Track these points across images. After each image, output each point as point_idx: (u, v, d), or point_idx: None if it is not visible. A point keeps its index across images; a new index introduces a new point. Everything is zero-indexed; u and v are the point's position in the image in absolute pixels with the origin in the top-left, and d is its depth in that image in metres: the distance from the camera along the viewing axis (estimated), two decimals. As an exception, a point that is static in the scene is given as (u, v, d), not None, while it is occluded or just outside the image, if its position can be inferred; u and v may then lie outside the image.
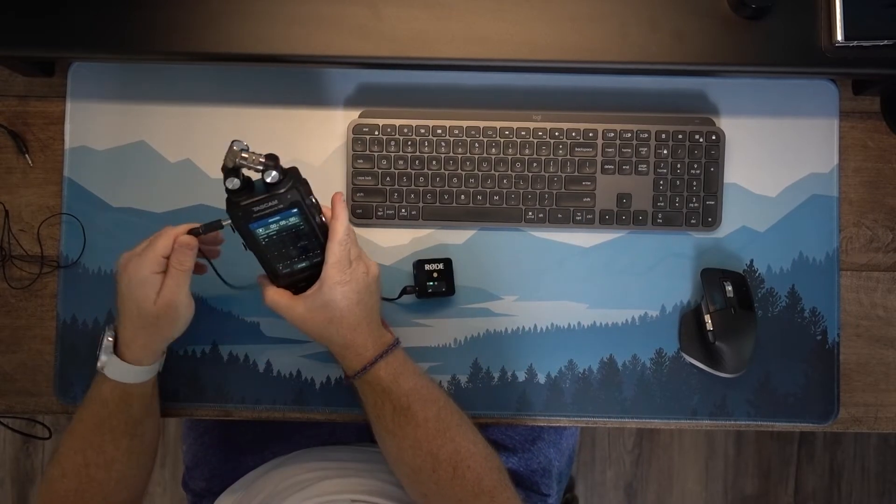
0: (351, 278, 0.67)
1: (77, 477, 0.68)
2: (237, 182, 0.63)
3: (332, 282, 0.66)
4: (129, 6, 0.72)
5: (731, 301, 0.76)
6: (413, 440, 0.67)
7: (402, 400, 0.67)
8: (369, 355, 0.68)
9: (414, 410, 0.67)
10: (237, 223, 0.65)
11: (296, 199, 0.64)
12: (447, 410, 0.69)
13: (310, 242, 0.68)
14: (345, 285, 0.67)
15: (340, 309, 0.67)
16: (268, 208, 0.64)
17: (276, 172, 0.62)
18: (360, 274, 0.68)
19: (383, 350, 0.69)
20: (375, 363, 0.68)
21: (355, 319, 0.68)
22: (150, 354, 0.70)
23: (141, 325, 0.68)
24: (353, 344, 0.68)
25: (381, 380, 0.68)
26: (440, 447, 0.67)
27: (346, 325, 0.68)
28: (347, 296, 0.67)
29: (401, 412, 0.67)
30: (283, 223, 0.66)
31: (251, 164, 0.62)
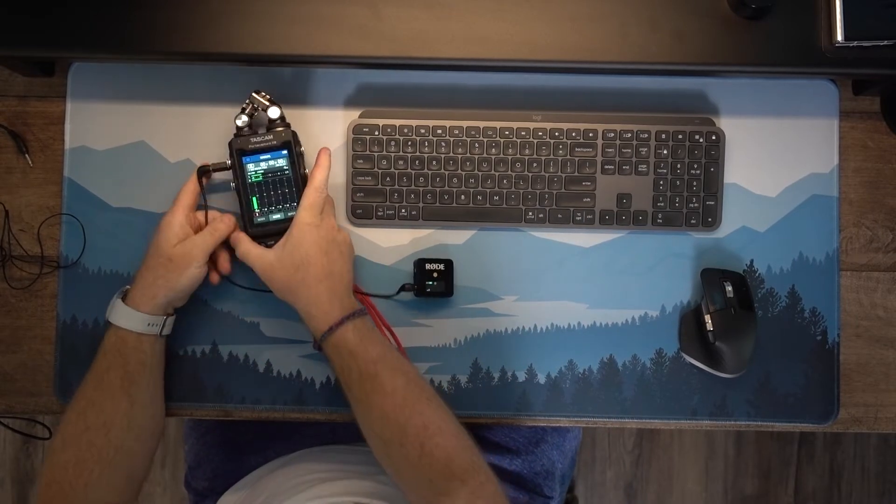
0: (321, 224, 0.71)
1: (77, 444, 0.68)
2: (245, 119, 0.75)
3: (302, 223, 0.71)
4: (129, 6, 0.72)
5: (731, 301, 0.76)
6: (380, 410, 0.67)
7: (369, 367, 0.68)
8: (336, 315, 0.69)
9: (382, 378, 0.67)
10: (234, 153, 0.75)
11: (288, 139, 0.75)
12: (415, 383, 0.69)
13: (289, 192, 0.75)
14: (314, 229, 0.70)
15: (308, 255, 0.70)
16: (263, 142, 0.75)
17: (278, 109, 0.75)
18: (329, 225, 0.72)
19: (351, 313, 0.70)
20: (342, 323, 0.69)
21: (322, 271, 0.70)
22: (150, 300, 0.71)
23: (153, 263, 0.71)
24: (318, 300, 0.70)
25: (348, 342, 0.69)
26: (408, 418, 0.66)
27: (312, 275, 0.70)
28: (317, 242, 0.70)
29: (368, 378, 0.67)
30: (271, 163, 0.75)
31: (261, 101, 0.76)
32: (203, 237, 0.72)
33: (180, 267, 0.71)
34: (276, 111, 0.76)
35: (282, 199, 0.76)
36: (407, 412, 0.66)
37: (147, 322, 0.71)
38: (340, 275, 0.71)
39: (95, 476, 0.68)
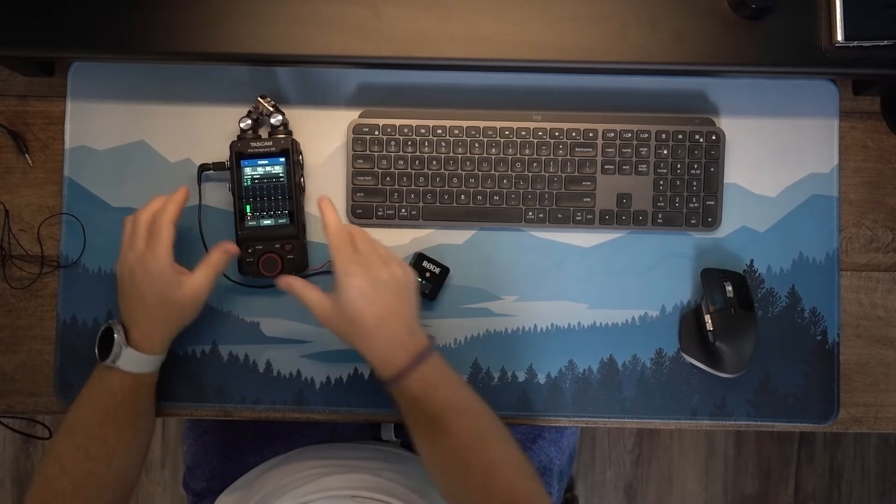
0: (362, 271, 0.66)
1: (76, 473, 0.68)
2: (249, 122, 0.77)
3: (340, 274, 0.66)
4: (129, 6, 0.72)
5: (731, 301, 0.76)
6: (445, 448, 0.66)
7: (436, 411, 0.66)
8: (399, 364, 0.66)
9: (448, 421, 0.65)
10: (232, 155, 0.76)
11: (287, 147, 0.76)
12: (482, 420, 0.67)
13: (282, 199, 0.76)
14: (353, 278, 0.66)
15: (357, 307, 0.66)
16: (262, 147, 0.76)
17: (282, 117, 0.77)
18: (370, 268, 0.67)
19: (414, 360, 0.66)
20: (406, 374, 0.66)
21: (374, 320, 0.66)
22: (167, 343, 0.72)
23: (163, 315, 0.70)
24: (377, 351, 0.67)
25: (413, 390, 0.66)
26: (472, 457, 0.65)
27: (365, 327, 0.66)
28: (361, 291, 0.66)
29: (435, 422, 0.65)
30: (268, 169, 0.76)
31: (265, 106, 0.76)
32: (207, 275, 0.71)
33: (196, 306, 0.72)
34: (279, 118, 0.77)
35: (274, 206, 0.77)
36: (471, 451, 0.65)
37: (160, 360, 0.72)
38: (397, 316, 0.67)
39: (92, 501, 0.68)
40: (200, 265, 0.72)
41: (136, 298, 0.70)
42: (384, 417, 0.81)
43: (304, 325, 0.80)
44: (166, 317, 0.71)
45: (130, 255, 0.70)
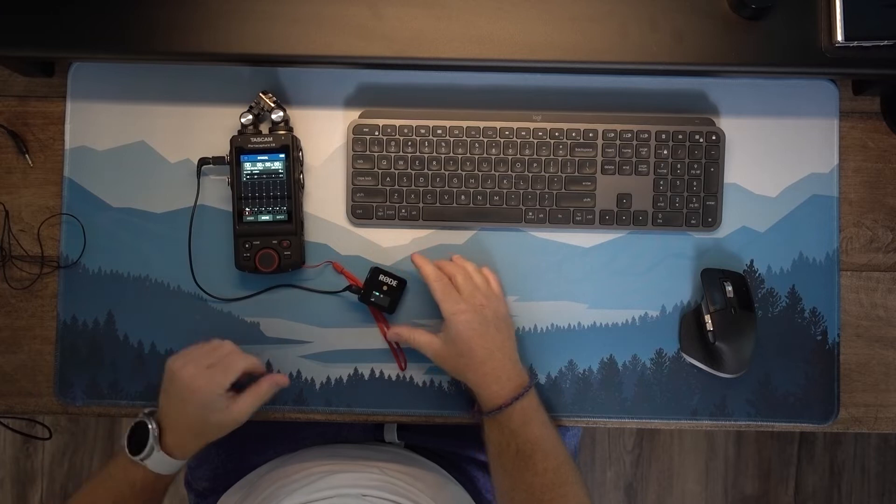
0: (468, 308, 0.71)
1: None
2: (250, 118, 0.77)
3: (449, 314, 0.72)
4: (129, 6, 0.72)
5: (731, 301, 0.76)
6: (527, 486, 0.69)
7: (527, 446, 0.69)
8: (504, 395, 0.70)
9: (536, 459, 0.69)
10: (233, 150, 0.76)
11: (287, 143, 0.76)
12: (567, 466, 0.70)
13: (280, 195, 0.77)
14: (462, 314, 0.71)
15: (466, 341, 0.71)
16: (262, 142, 0.76)
17: (283, 113, 0.77)
18: (474, 304, 0.72)
19: (518, 392, 0.70)
20: (510, 405, 0.70)
21: (483, 353, 0.71)
22: (195, 449, 0.73)
23: (201, 432, 0.72)
24: (485, 382, 0.71)
25: (512, 422, 0.70)
26: (551, 499, 0.68)
27: (475, 360, 0.71)
28: (470, 327, 0.71)
29: (523, 457, 0.69)
30: (267, 164, 0.76)
31: (267, 102, 0.77)
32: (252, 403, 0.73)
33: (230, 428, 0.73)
34: (280, 114, 0.77)
35: (272, 202, 0.77)
36: (551, 494, 0.68)
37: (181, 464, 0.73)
38: (501, 351, 0.72)
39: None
40: (249, 392, 0.73)
41: (181, 408, 0.71)
42: (384, 417, 0.81)
43: (304, 326, 0.80)
44: (204, 433, 0.72)
45: (191, 367, 0.71)
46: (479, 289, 0.74)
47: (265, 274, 0.77)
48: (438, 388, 0.80)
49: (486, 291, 0.74)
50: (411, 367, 0.80)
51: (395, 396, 0.80)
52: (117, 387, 0.80)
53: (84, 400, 0.80)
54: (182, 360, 0.72)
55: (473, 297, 0.73)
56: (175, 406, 0.71)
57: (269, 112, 0.77)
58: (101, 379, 0.80)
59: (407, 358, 0.80)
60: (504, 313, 0.74)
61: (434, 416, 0.81)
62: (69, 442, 1.64)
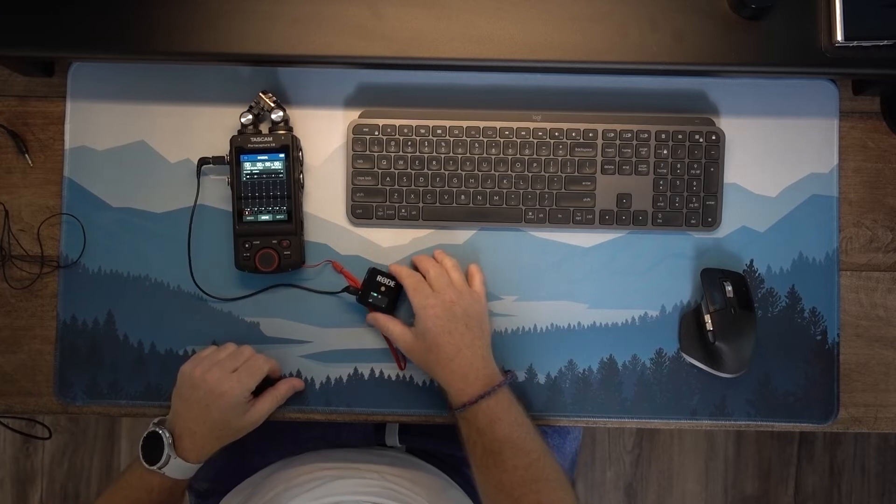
0: (437, 303, 0.72)
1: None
2: (250, 118, 0.77)
3: (418, 307, 0.73)
4: (129, 6, 0.72)
5: (731, 301, 0.76)
6: (497, 482, 0.69)
7: (494, 444, 0.69)
8: (470, 392, 0.70)
9: (504, 456, 0.69)
10: (232, 150, 0.76)
11: (287, 143, 0.76)
12: (541, 463, 0.70)
13: (280, 195, 0.77)
14: (431, 308, 0.72)
15: (433, 336, 0.72)
16: (262, 142, 0.76)
17: (282, 113, 0.77)
18: (444, 301, 0.72)
19: (485, 390, 0.70)
20: (475, 403, 0.70)
21: (451, 349, 0.71)
22: (210, 452, 0.74)
23: (221, 435, 0.73)
24: (452, 378, 0.71)
25: (478, 420, 0.70)
26: (522, 496, 0.68)
27: (443, 356, 0.71)
28: (437, 324, 0.71)
29: (490, 454, 0.69)
30: (267, 164, 0.76)
31: (267, 102, 0.77)
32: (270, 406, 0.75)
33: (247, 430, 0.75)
34: (280, 114, 0.77)
35: (272, 202, 0.77)
36: (522, 489, 0.68)
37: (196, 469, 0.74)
38: (470, 349, 0.72)
39: None
40: (268, 395, 0.75)
41: (204, 414, 0.72)
42: (383, 417, 0.81)
43: (303, 326, 0.80)
44: (223, 436, 0.74)
45: (216, 371, 0.72)
46: (454, 285, 0.74)
47: (265, 274, 0.77)
48: (438, 388, 0.80)
49: (461, 288, 0.74)
50: (411, 367, 0.80)
51: (394, 396, 0.80)
52: (117, 387, 0.80)
53: (84, 400, 0.80)
54: (203, 365, 0.73)
55: (444, 292, 0.73)
56: (197, 411, 0.72)
57: (269, 112, 0.77)
58: (101, 379, 0.80)
59: (406, 358, 0.80)
60: (477, 311, 0.74)
61: (434, 416, 0.81)
62: (69, 442, 1.64)
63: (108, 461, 1.64)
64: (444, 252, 0.78)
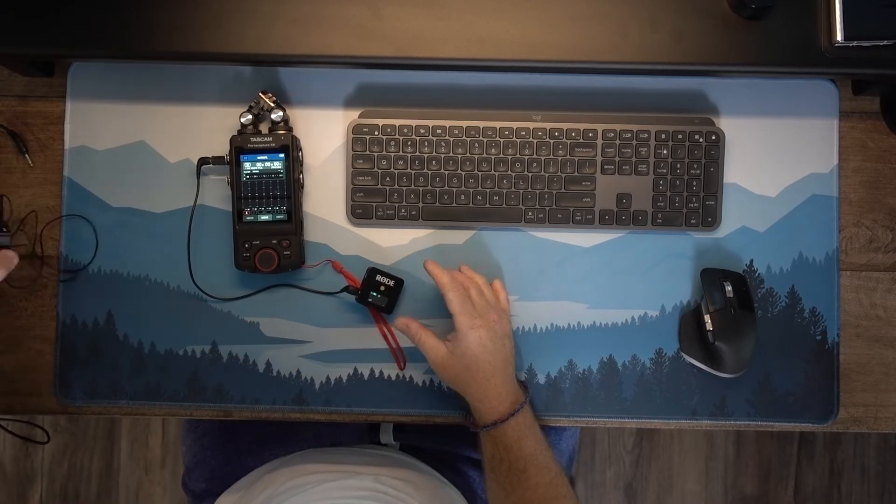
0: (483, 324, 0.71)
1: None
2: (249, 118, 0.77)
3: (464, 327, 0.71)
4: (129, 6, 0.72)
5: (731, 301, 0.76)
6: (520, 499, 0.69)
7: (520, 461, 0.69)
8: (502, 410, 0.70)
9: (529, 474, 0.69)
10: (232, 150, 0.76)
11: (287, 143, 0.76)
12: (559, 480, 0.71)
13: (280, 195, 0.77)
14: (477, 329, 0.71)
15: (475, 356, 0.70)
16: (262, 142, 0.76)
17: (282, 113, 0.77)
18: (489, 320, 0.71)
19: (515, 408, 0.71)
20: (506, 421, 0.70)
21: (489, 369, 0.71)
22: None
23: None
24: (486, 397, 0.71)
25: (507, 437, 0.70)
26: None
27: (480, 375, 0.71)
28: (482, 343, 0.70)
29: (517, 472, 0.69)
30: (267, 164, 0.76)
31: (266, 102, 0.77)
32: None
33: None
34: (280, 114, 0.77)
35: (272, 202, 0.77)
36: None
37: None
38: (504, 367, 0.72)
39: None
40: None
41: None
42: (383, 417, 0.81)
43: (303, 326, 0.80)
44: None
45: None
46: (491, 305, 0.74)
47: (265, 274, 0.77)
48: (438, 388, 0.80)
49: (497, 308, 0.74)
50: (410, 367, 0.80)
51: (394, 396, 0.80)
52: (117, 387, 0.80)
53: (84, 400, 0.80)
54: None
55: (488, 312, 0.72)
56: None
57: (268, 112, 0.77)
58: (101, 379, 0.80)
59: (406, 358, 0.80)
60: (509, 331, 0.74)
61: (433, 416, 0.81)
62: (69, 442, 1.64)
63: (108, 461, 1.64)
64: (471, 268, 0.77)
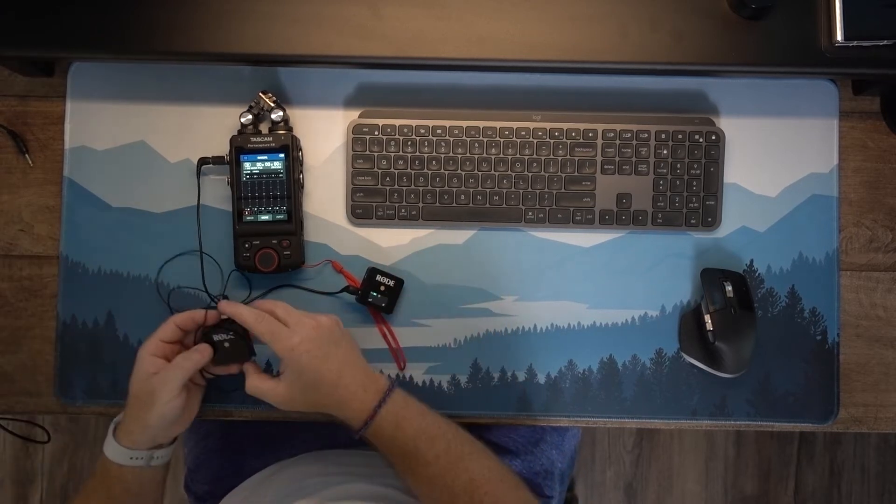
0: (301, 338, 0.67)
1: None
2: (249, 118, 0.77)
3: (285, 351, 0.67)
4: (129, 6, 0.72)
5: (731, 301, 0.76)
6: (426, 478, 0.67)
7: (408, 444, 0.67)
8: (367, 407, 0.68)
9: (422, 451, 0.67)
10: (232, 150, 0.76)
11: (287, 143, 0.76)
12: (456, 442, 0.69)
13: (281, 195, 0.77)
14: (300, 346, 0.67)
15: (312, 370, 0.67)
16: (262, 143, 0.76)
17: (282, 113, 0.77)
18: (308, 331, 0.67)
19: (378, 401, 0.68)
20: (373, 417, 0.67)
21: (333, 375, 0.68)
22: (128, 435, 0.69)
23: (129, 400, 0.70)
24: (344, 402, 0.68)
25: (384, 430, 0.68)
26: (454, 479, 0.66)
27: (327, 385, 0.68)
28: (310, 354, 0.67)
29: (410, 455, 0.67)
30: (267, 164, 0.76)
31: (266, 102, 0.77)
32: (171, 372, 0.68)
33: (146, 403, 0.68)
34: (280, 114, 0.77)
35: (272, 202, 0.77)
36: (452, 474, 0.67)
37: (129, 456, 0.70)
38: (348, 364, 0.69)
39: None
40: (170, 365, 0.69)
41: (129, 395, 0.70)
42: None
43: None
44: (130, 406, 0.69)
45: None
46: (303, 314, 0.69)
47: (265, 274, 0.77)
48: (438, 387, 0.80)
49: (308, 314, 0.70)
50: (410, 367, 0.80)
51: (394, 396, 0.80)
52: (117, 387, 0.80)
53: (84, 400, 0.80)
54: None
55: (302, 323, 0.68)
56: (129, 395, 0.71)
57: (268, 112, 0.77)
58: (101, 379, 0.80)
59: (406, 358, 0.80)
60: (334, 326, 0.70)
61: (434, 415, 0.81)
62: (69, 442, 1.64)
63: (108, 461, 1.64)
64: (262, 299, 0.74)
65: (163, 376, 0.68)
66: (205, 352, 0.70)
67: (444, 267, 0.80)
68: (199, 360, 0.70)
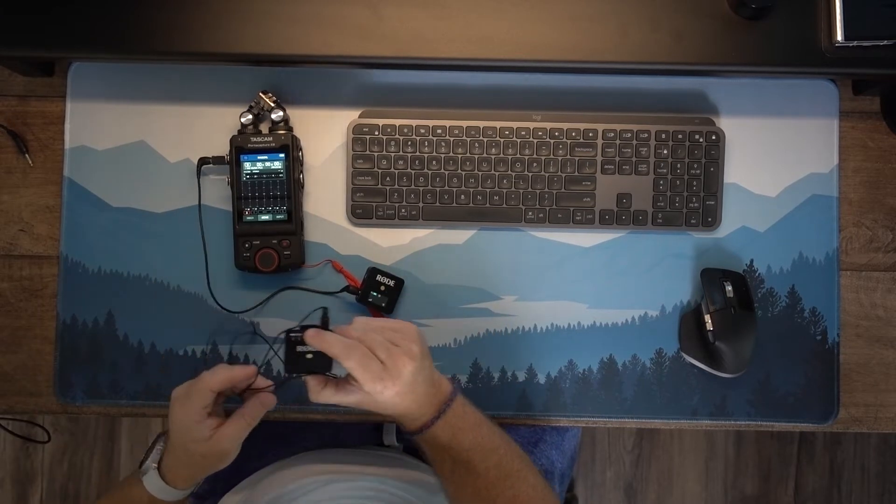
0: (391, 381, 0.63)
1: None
2: (249, 118, 0.77)
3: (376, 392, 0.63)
4: (129, 6, 0.72)
5: (731, 301, 0.76)
6: (472, 489, 0.67)
7: (462, 455, 0.67)
8: (428, 414, 0.66)
9: (474, 463, 0.67)
10: (232, 149, 0.77)
11: (287, 143, 0.77)
12: (508, 457, 0.68)
13: (281, 195, 0.77)
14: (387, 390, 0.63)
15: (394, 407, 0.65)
16: (262, 142, 0.76)
17: (282, 113, 0.77)
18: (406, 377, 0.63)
19: (440, 409, 0.66)
20: (432, 424, 0.66)
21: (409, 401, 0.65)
22: (187, 480, 0.71)
23: (187, 460, 0.69)
24: (408, 408, 0.66)
25: (439, 438, 0.67)
26: (498, 494, 0.66)
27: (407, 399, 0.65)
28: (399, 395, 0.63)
29: (461, 465, 0.67)
30: (267, 164, 0.77)
31: (266, 102, 0.77)
32: (237, 429, 0.68)
33: (219, 460, 0.69)
34: (280, 114, 0.77)
35: (272, 202, 0.77)
36: (497, 490, 0.66)
37: (174, 494, 0.70)
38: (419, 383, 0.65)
39: None
40: (233, 417, 0.68)
41: (171, 431, 0.70)
42: (383, 418, 0.81)
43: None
44: (189, 462, 0.69)
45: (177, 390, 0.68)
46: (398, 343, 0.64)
47: (265, 274, 0.77)
48: (438, 387, 0.80)
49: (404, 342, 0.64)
50: (411, 367, 0.80)
51: (395, 396, 0.80)
52: (117, 387, 0.80)
53: (84, 400, 0.80)
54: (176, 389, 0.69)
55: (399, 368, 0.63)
56: (169, 430, 0.70)
57: (269, 112, 0.77)
58: (101, 379, 0.80)
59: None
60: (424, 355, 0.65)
61: (434, 415, 0.81)
62: (69, 442, 1.64)
63: (108, 461, 1.64)
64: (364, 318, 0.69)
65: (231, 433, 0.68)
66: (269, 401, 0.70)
67: (444, 267, 0.80)
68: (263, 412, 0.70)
